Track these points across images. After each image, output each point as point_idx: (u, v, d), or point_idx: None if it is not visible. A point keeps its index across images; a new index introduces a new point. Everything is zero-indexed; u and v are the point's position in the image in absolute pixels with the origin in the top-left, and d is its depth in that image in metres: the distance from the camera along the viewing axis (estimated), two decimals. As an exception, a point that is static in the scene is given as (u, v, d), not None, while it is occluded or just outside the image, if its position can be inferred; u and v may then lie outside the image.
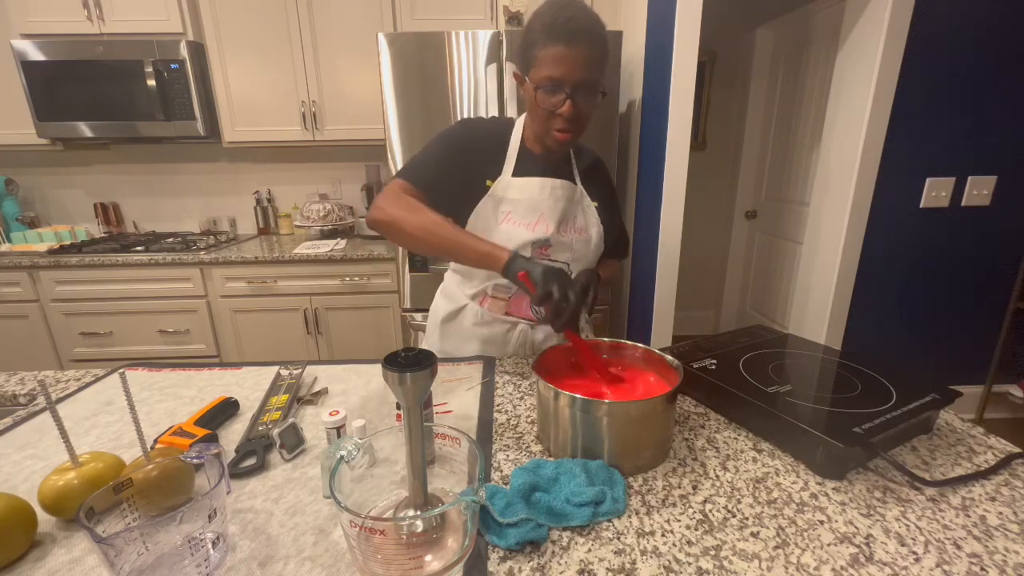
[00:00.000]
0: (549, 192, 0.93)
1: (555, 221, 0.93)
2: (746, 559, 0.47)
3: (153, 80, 2.06)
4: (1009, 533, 0.50)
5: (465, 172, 0.92)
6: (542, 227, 0.92)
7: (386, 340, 2.23)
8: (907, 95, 1.82)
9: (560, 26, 0.78)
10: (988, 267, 2.06)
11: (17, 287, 2.07)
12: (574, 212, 0.96)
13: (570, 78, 0.80)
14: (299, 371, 0.87)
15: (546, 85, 0.82)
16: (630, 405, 0.61)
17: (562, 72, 0.80)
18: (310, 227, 2.42)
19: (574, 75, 0.80)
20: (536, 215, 0.92)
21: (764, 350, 0.86)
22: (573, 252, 0.95)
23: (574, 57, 0.79)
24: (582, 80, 0.81)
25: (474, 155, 0.93)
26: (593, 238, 0.98)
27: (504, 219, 0.92)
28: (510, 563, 0.48)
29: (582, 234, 0.96)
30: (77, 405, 0.80)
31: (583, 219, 0.97)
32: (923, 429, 0.69)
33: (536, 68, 0.82)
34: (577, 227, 0.96)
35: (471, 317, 1.01)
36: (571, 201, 0.96)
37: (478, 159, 0.93)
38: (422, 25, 2.05)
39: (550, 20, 0.78)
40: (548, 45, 0.79)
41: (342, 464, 0.47)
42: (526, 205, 0.92)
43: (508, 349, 1.01)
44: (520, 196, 0.92)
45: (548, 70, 0.80)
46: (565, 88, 0.81)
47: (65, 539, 0.51)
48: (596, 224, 0.99)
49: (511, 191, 0.92)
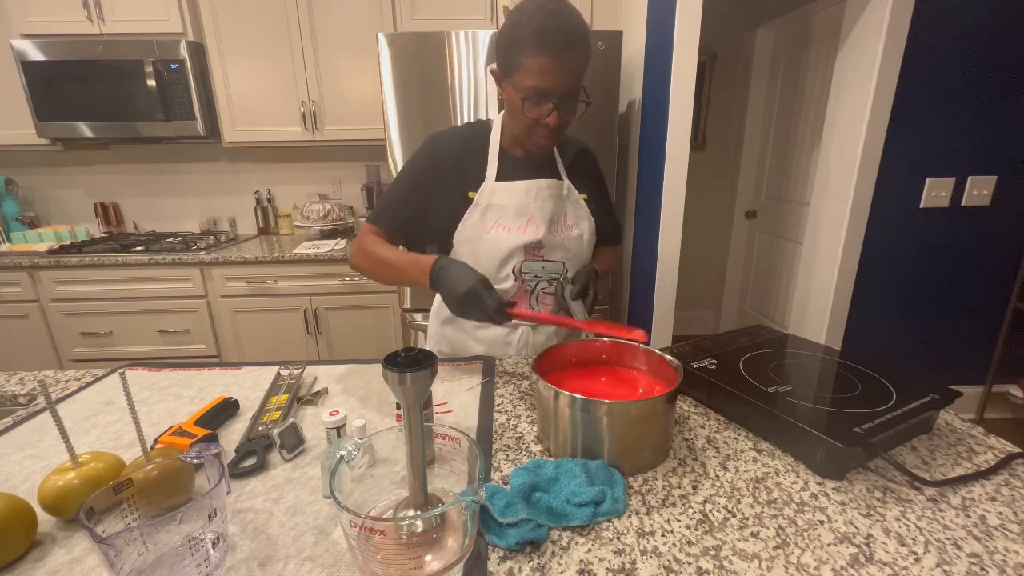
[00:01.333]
0: (535, 194, 0.92)
1: (545, 222, 0.92)
2: (746, 559, 0.47)
3: (153, 80, 2.06)
4: (1009, 533, 0.50)
5: (440, 190, 0.91)
6: (532, 230, 0.91)
7: (386, 340, 2.23)
8: (907, 95, 1.82)
9: (549, 35, 0.75)
10: (988, 267, 2.06)
11: (17, 287, 2.07)
12: (563, 209, 0.95)
13: (558, 89, 0.79)
14: (299, 371, 0.87)
15: (532, 95, 0.79)
16: (630, 405, 0.61)
17: (550, 84, 0.78)
18: (310, 227, 2.42)
19: (562, 86, 0.79)
20: (524, 218, 0.91)
21: (764, 350, 0.86)
22: (567, 250, 0.95)
23: (563, 69, 0.77)
24: (568, 90, 0.80)
25: (445, 171, 0.92)
26: (585, 233, 0.98)
27: (493, 226, 0.91)
28: (510, 563, 0.48)
29: (573, 231, 0.96)
30: (77, 405, 0.80)
31: (573, 215, 0.97)
32: (923, 429, 0.69)
33: (521, 75, 0.79)
34: (568, 225, 0.96)
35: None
36: (559, 199, 0.95)
37: (453, 174, 0.92)
38: (422, 25, 2.05)
39: (539, 27, 0.75)
40: (536, 54, 0.76)
41: (342, 464, 0.47)
42: (514, 210, 0.91)
43: (510, 350, 1.01)
44: (507, 202, 0.91)
45: (535, 80, 0.78)
46: (552, 99, 0.80)
47: (65, 539, 0.51)
48: (587, 218, 0.98)
49: (496, 197, 0.91)
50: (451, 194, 0.92)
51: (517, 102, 0.82)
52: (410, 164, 0.95)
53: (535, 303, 0.96)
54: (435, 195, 0.92)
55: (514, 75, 0.81)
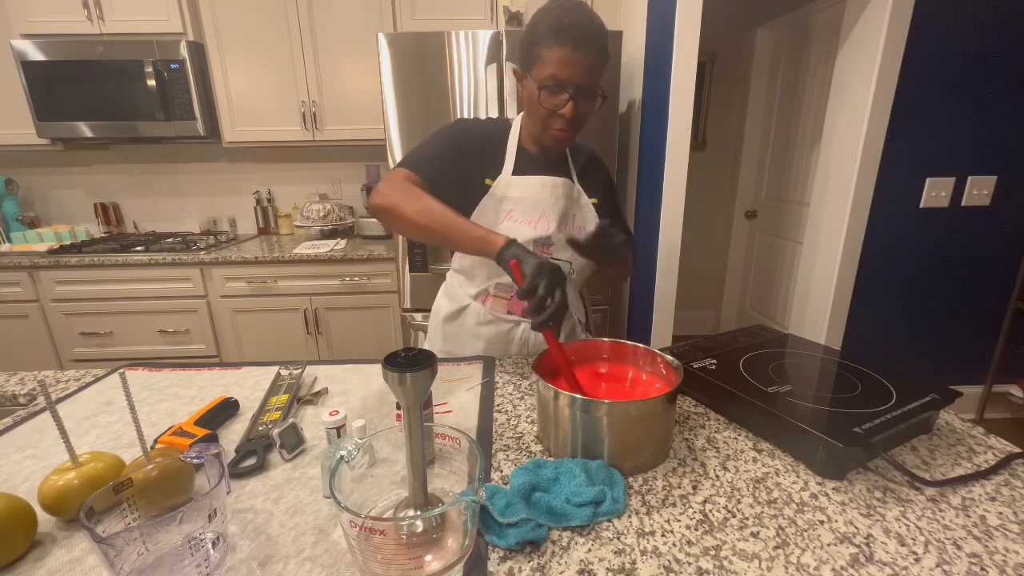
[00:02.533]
0: (550, 190, 0.94)
1: (556, 219, 0.94)
2: (746, 559, 0.47)
3: (153, 80, 2.06)
4: (1009, 533, 0.50)
5: (464, 170, 0.93)
6: (544, 225, 0.93)
7: (386, 340, 2.23)
8: (907, 95, 1.82)
9: (566, 29, 0.79)
10: (988, 267, 2.06)
11: (17, 287, 2.07)
12: (572, 210, 0.97)
13: (574, 80, 0.82)
14: (299, 371, 0.87)
15: (550, 84, 0.83)
16: (630, 405, 0.61)
17: (567, 74, 0.81)
18: (310, 227, 2.42)
19: (578, 78, 0.82)
20: (538, 213, 0.93)
21: (764, 350, 0.86)
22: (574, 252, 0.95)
23: (579, 61, 0.80)
24: (585, 84, 0.83)
25: (473, 154, 0.93)
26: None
27: (506, 217, 0.93)
28: (510, 563, 0.48)
29: (581, 232, 0.97)
30: (77, 405, 0.80)
31: (581, 217, 0.98)
32: (923, 429, 0.69)
33: (540, 67, 0.83)
34: (576, 225, 0.97)
35: (473, 316, 1.01)
36: (570, 199, 0.97)
37: (476, 158, 0.93)
38: (422, 25, 2.05)
39: (556, 22, 0.79)
40: (554, 46, 0.80)
41: (342, 464, 0.47)
42: (528, 203, 0.93)
43: (510, 348, 1.01)
44: (521, 194, 0.93)
45: (553, 69, 0.81)
46: (568, 89, 0.83)
47: (65, 539, 0.51)
48: (594, 221, 0.99)
49: (512, 189, 0.93)
50: (472, 175, 0.93)
51: (535, 93, 0.85)
52: (445, 132, 0.93)
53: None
54: (462, 166, 0.91)
55: (534, 68, 0.84)
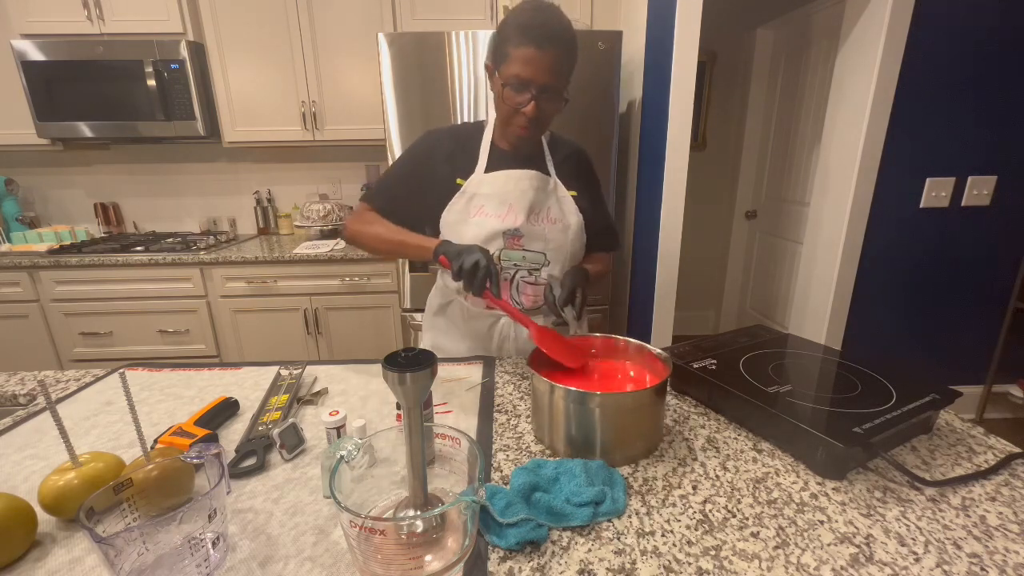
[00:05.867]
0: (515, 183, 0.95)
1: (524, 211, 0.95)
2: (746, 559, 0.47)
3: (153, 80, 2.06)
4: (1009, 533, 0.50)
5: (433, 177, 0.97)
6: (512, 218, 0.94)
7: (386, 340, 2.23)
8: (907, 95, 1.82)
9: (534, 29, 0.81)
10: (988, 267, 2.06)
11: (17, 287, 2.07)
12: (546, 202, 0.98)
13: (537, 80, 0.84)
14: (299, 371, 0.87)
15: (513, 83, 0.85)
16: (621, 396, 0.63)
17: (530, 73, 0.83)
18: (310, 227, 2.42)
19: (541, 78, 0.84)
20: (505, 207, 0.95)
21: (764, 350, 0.86)
22: (547, 241, 0.97)
23: (542, 60, 0.82)
24: (548, 84, 0.85)
25: (440, 160, 0.97)
26: (572, 227, 0.99)
27: (476, 212, 0.95)
28: (510, 563, 0.48)
29: (557, 223, 0.98)
30: (77, 405, 0.80)
31: (558, 209, 0.99)
32: (923, 429, 0.69)
33: (506, 65, 0.85)
34: (551, 217, 0.98)
35: (459, 311, 1.03)
36: (542, 191, 0.97)
37: (444, 162, 0.97)
38: (422, 25, 2.05)
39: (525, 21, 0.82)
40: (520, 45, 0.82)
41: (342, 464, 0.47)
42: (497, 198, 0.95)
43: (492, 344, 1.02)
44: (491, 190, 0.95)
45: (517, 68, 0.83)
46: (531, 88, 0.85)
47: (65, 539, 0.51)
48: (574, 213, 1.00)
49: (483, 186, 0.95)
50: (442, 182, 0.97)
51: (500, 90, 0.88)
52: (407, 153, 1.02)
53: (515, 292, 0.98)
54: (428, 182, 0.98)
55: (501, 65, 0.87)
